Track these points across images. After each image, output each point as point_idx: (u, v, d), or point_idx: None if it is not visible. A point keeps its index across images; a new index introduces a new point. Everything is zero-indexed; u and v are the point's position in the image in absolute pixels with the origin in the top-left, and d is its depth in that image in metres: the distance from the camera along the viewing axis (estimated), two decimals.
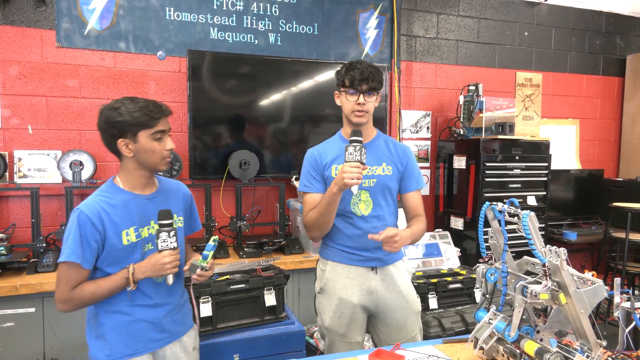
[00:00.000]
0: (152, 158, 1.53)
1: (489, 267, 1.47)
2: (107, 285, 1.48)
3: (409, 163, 1.99)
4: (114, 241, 1.49)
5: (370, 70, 1.83)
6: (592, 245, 4.31)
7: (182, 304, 1.71)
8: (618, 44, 4.62)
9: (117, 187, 1.56)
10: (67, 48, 2.94)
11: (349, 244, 1.92)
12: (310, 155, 1.98)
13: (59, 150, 2.90)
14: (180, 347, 1.67)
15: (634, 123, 4.53)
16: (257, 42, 3.36)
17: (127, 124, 1.47)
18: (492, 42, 4.10)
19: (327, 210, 1.81)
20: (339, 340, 1.93)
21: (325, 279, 1.97)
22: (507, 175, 3.52)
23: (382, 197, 1.93)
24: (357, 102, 1.84)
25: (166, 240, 1.49)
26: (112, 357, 1.53)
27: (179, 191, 1.73)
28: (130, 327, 1.54)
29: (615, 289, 1.30)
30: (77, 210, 1.47)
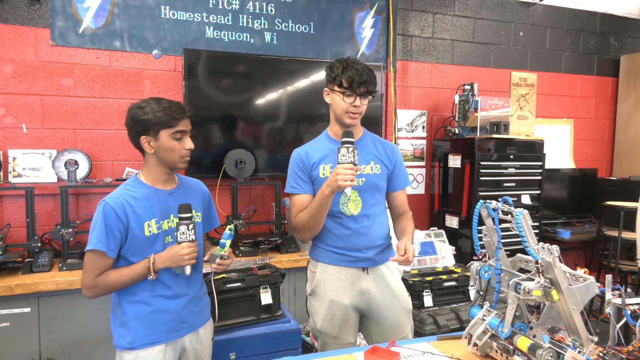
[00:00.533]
0: (172, 156, 1.62)
1: (483, 264, 1.48)
2: (129, 273, 1.58)
3: (397, 162, 1.99)
4: (136, 231, 1.58)
5: (368, 73, 1.80)
6: (586, 244, 4.35)
7: (200, 296, 1.78)
8: (612, 45, 4.65)
9: (140, 181, 1.67)
10: (61, 46, 2.93)
11: (338, 244, 1.90)
12: (296, 156, 1.94)
13: (54, 150, 2.89)
14: (197, 338, 1.74)
15: (628, 123, 4.57)
16: (253, 41, 3.36)
17: (150, 123, 1.58)
18: (488, 42, 4.12)
19: (318, 212, 1.79)
20: (332, 342, 1.92)
21: (316, 281, 1.94)
22: (502, 174, 3.54)
23: (371, 196, 1.91)
24: (352, 104, 1.80)
25: (185, 233, 1.57)
26: (133, 345, 1.61)
27: (197, 188, 1.82)
28: (150, 317, 1.62)
29: (606, 286, 1.32)
30: (103, 202, 1.57)
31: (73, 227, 2.64)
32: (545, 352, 1.23)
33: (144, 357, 1.61)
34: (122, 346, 1.62)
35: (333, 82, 1.84)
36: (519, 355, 1.35)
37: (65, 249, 2.65)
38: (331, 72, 1.84)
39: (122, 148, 3.09)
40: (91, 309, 2.49)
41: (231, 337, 2.16)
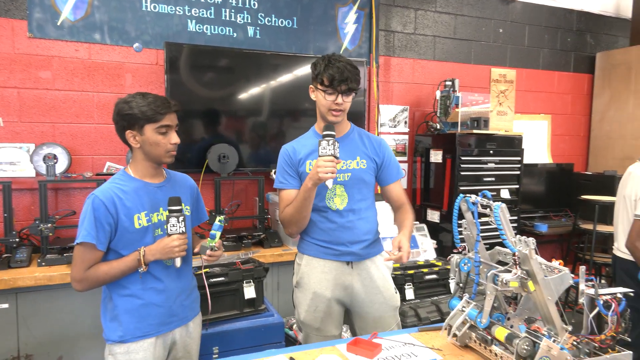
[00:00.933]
0: (157, 150, 1.64)
1: (462, 257, 1.52)
2: (120, 265, 1.59)
3: (386, 155, 1.99)
4: (126, 224, 1.60)
5: (350, 70, 1.80)
6: (562, 237, 4.46)
7: (191, 289, 1.80)
8: (588, 42, 4.76)
9: (129, 175, 1.68)
10: (39, 39, 2.87)
11: (324, 238, 1.92)
12: (284, 152, 1.97)
13: (32, 144, 2.84)
14: (187, 332, 1.76)
15: (603, 119, 4.69)
16: (236, 35, 3.34)
17: (135, 117, 1.59)
18: (468, 39, 4.18)
19: (302, 205, 1.82)
20: (315, 333, 1.94)
21: (301, 273, 1.97)
22: (482, 169, 3.61)
23: (358, 191, 1.93)
24: (334, 101, 1.82)
25: (175, 225, 1.59)
26: (124, 338, 1.62)
27: (185, 182, 1.85)
28: (142, 310, 1.63)
29: (580, 277, 1.36)
30: (92, 195, 1.58)
31: (52, 222, 2.61)
32: (521, 342, 1.27)
33: (135, 350, 1.62)
34: (113, 339, 1.63)
35: (316, 80, 1.86)
36: (496, 345, 1.39)
37: (44, 244, 2.61)
38: (314, 69, 1.86)
39: (103, 142, 3.05)
40: (71, 304, 2.47)
41: (214, 331, 2.16)
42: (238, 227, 3.29)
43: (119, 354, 1.62)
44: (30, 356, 2.43)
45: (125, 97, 1.63)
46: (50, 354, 2.47)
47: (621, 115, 4.48)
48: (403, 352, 1.51)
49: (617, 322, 1.32)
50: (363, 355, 1.47)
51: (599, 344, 1.33)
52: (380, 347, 1.51)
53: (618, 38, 4.89)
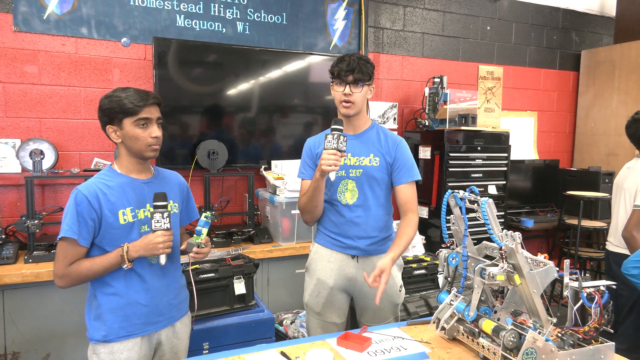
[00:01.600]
0: (137, 145, 1.60)
1: (450, 251, 1.54)
2: (102, 262, 1.55)
3: (399, 154, 1.98)
4: (110, 220, 1.57)
5: (358, 62, 1.88)
6: (548, 232, 4.54)
7: (179, 288, 1.77)
8: (574, 40, 4.83)
9: (115, 171, 1.66)
10: (25, 32, 2.83)
11: (333, 229, 2.01)
12: (306, 144, 2.09)
13: (18, 139, 2.80)
14: (173, 332, 1.73)
15: (587, 115, 4.77)
16: (225, 31, 3.33)
17: (114, 111, 1.57)
18: (457, 36, 4.21)
19: (313, 195, 1.90)
20: (315, 317, 2.03)
21: (310, 259, 2.09)
22: (470, 165, 3.65)
23: (369, 188, 1.97)
24: (343, 92, 1.89)
25: (160, 221, 1.56)
26: (108, 338, 1.59)
27: (175, 180, 1.81)
28: (126, 309, 1.60)
29: (565, 271, 1.39)
30: (76, 190, 1.56)
31: (39, 218, 2.58)
32: (508, 334, 1.30)
33: (119, 350, 1.59)
34: (97, 339, 1.60)
35: (330, 75, 1.96)
36: (483, 337, 1.42)
37: (30, 240, 2.58)
38: (330, 67, 1.96)
39: (90, 138, 3.02)
40: (58, 301, 2.45)
41: (205, 327, 2.17)
42: (228, 223, 3.29)
43: (102, 353, 1.60)
44: (17, 354, 2.41)
45: (108, 93, 1.62)
46: (38, 352, 2.45)
47: (605, 112, 4.56)
48: (392, 345, 1.53)
49: (600, 314, 1.35)
50: (353, 349, 1.49)
51: (582, 336, 1.36)
52: (370, 340, 1.53)
53: (602, 36, 4.97)
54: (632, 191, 2.65)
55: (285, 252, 2.96)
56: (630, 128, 2.76)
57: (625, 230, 2.57)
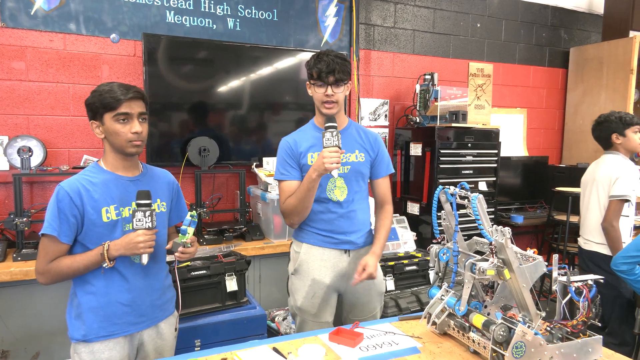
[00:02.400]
0: (118, 140, 1.57)
1: (441, 247, 1.55)
2: (83, 260, 1.53)
3: (380, 149, 2.08)
4: (93, 217, 1.54)
5: (337, 62, 1.87)
6: (537, 228, 4.59)
7: (163, 288, 1.73)
8: (562, 37, 4.87)
9: (100, 167, 1.63)
10: (12, 28, 2.79)
11: (325, 227, 1.99)
12: (285, 144, 2.01)
13: (5, 136, 2.77)
14: (157, 332, 1.70)
15: (576, 112, 4.82)
16: (215, 27, 3.31)
17: (94, 106, 1.55)
18: (447, 33, 4.23)
19: (306, 196, 1.87)
20: (311, 319, 2.00)
21: (299, 261, 2.02)
22: (460, 162, 3.67)
23: (356, 183, 2.01)
24: (325, 93, 1.89)
25: (141, 220, 1.52)
26: (88, 337, 1.57)
27: (164, 178, 1.77)
28: (106, 309, 1.58)
29: (553, 265, 1.41)
30: (58, 186, 1.53)
31: (27, 216, 2.55)
32: (497, 328, 1.31)
33: (100, 349, 1.57)
34: (77, 338, 1.58)
35: (309, 76, 1.95)
36: (474, 332, 1.43)
37: (19, 238, 2.56)
38: (307, 66, 1.95)
39: (79, 135, 2.99)
40: (47, 299, 2.43)
41: (196, 324, 2.16)
42: (219, 220, 3.28)
43: (83, 353, 1.57)
44: (6, 352, 2.39)
45: (95, 87, 1.59)
46: (28, 350, 2.43)
47: (593, 109, 4.60)
48: (384, 340, 1.54)
49: (588, 307, 1.37)
50: (345, 344, 1.50)
51: (571, 329, 1.39)
52: (362, 336, 1.54)
53: (591, 34, 5.02)
54: (604, 182, 2.69)
55: (277, 249, 2.96)
56: (595, 131, 2.88)
57: (605, 221, 2.63)
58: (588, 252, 2.78)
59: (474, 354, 1.44)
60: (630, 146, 2.75)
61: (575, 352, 1.36)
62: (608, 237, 2.62)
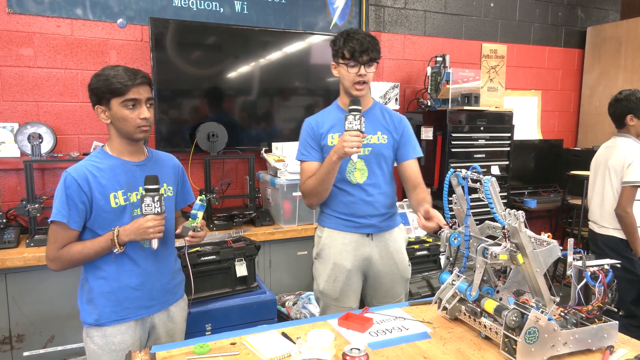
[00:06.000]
0: (126, 126, 1.55)
1: (452, 231, 1.52)
2: (93, 245, 1.53)
3: (405, 131, 2.01)
4: (101, 203, 1.53)
5: (369, 40, 1.84)
6: (551, 212, 4.52)
7: (173, 272, 1.73)
8: (579, 16, 4.73)
9: (106, 152, 1.61)
10: (19, 14, 2.78)
11: (344, 210, 1.97)
12: (307, 125, 2.01)
13: (16, 123, 2.78)
14: (167, 316, 1.71)
15: (592, 94, 4.70)
16: (223, 11, 3.26)
17: (100, 91, 1.52)
18: (459, 13, 4.12)
19: (325, 178, 1.86)
20: (333, 304, 2.00)
21: (321, 245, 2.03)
22: (473, 146, 3.61)
23: (377, 165, 1.97)
24: (358, 73, 1.85)
25: (150, 205, 1.51)
26: (100, 322, 1.58)
27: (169, 162, 1.76)
28: (118, 293, 1.58)
29: (569, 249, 1.37)
30: (65, 172, 1.52)
31: (39, 202, 2.57)
32: (510, 313, 1.29)
33: (112, 333, 1.58)
34: (89, 322, 1.59)
35: (337, 56, 1.89)
36: (485, 317, 1.41)
37: (32, 225, 2.58)
38: (334, 45, 1.89)
39: (89, 121, 3.00)
40: (61, 284, 2.46)
41: (207, 308, 2.17)
42: (229, 206, 3.28)
43: (96, 337, 1.59)
44: (22, 336, 2.43)
45: (99, 70, 1.55)
46: (42, 334, 2.47)
47: (611, 90, 4.47)
48: (394, 325, 1.53)
49: (604, 293, 1.34)
50: (355, 330, 1.49)
51: (586, 315, 1.35)
52: (371, 321, 1.53)
53: (609, 12, 4.86)
54: (617, 167, 2.63)
55: (286, 234, 2.96)
56: (611, 107, 2.78)
57: (619, 207, 2.58)
58: (604, 236, 2.73)
59: (485, 340, 1.42)
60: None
61: (590, 338, 1.33)
62: (622, 223, 2.58)
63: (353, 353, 1.17)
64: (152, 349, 1.37)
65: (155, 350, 1.36)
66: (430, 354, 1.34)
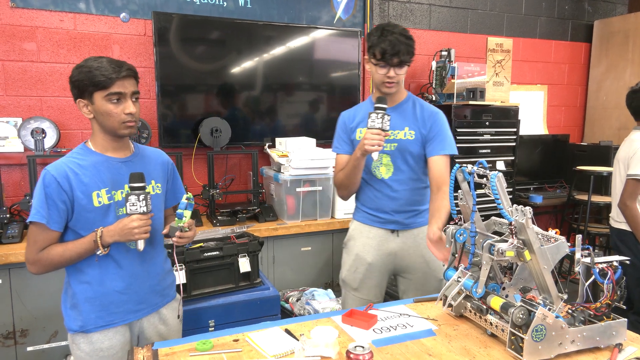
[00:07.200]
0: (109, 121, 1.46)
1: (458, 227, 1.50)
2: (75, 247, 1.45)
3: (434, 125, 1.94)
4: (83, 202, 1.45)
5: (402, 41, 1.82)
6: (557, 208, 4.48)
7: (163, 274, 1.66)
8: (586, 9, 4.67)
9: (89, 149, 1.53)
10: (22, 8, 2.77)
11: (369, 204, 2.01)
12: (340, 118, 2.08)
13: (19, 118, 2.77)
14: (159, 318, 1.64)
15: (599, 89, 4.64)
16: (226, 5, 3.24)
17: (83, 84, 1.43)
18: (465, 7, 4.08)
19: (352, 172, 1.91)
20: (352, 293, 2.05)
21: (349, 236, 2.11)
22: (478, 141, 3.58)
23: (403, 161, 1.95)
24: (387, 74, 1.85)
25: (135, 204, 1.42)
26: (85, 328, 1.51)
27: (158, 158, 1.67)
28: (103, 298, 1.51)
29: (576, 246, 1.35)
30: (44, 170, 1.44)
31: None
32: (517, 310, 1.27)
33: (99, 339, 1.51)
34: (74, 329, 1.52)
35: (369, 53, 1.89)
36: (491, 314, 1.39)
37: None
38: (369, 40, 1.89)
39: None
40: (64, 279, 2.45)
41: (210, 304, 2.16)
42: (232, 201, 3.26)
43: (82, 344, 1.51)
44: (25, 331, 2.43)
45: (81, 62, 1.46)
46: (46, 329, 2.47)
47: (618, 84, 4.43)
48: (398, 322, 1.51)
49: (613, 290, 1.32)
50: (358, 327, 1.47)
51: (594, 312, 1.33)
52: (375, 318, 1.51)
53: (616, 5, 4.80)
54: (625, 161, 2.61)
55: (290, 230, 2.94)
56: (628, 99, 2.75)
57: (620, 201, 2.57)
58: (617, 230, 2.71)
59: (491, 337, 1.40)
60: None
61: (598, 336, 1.31)
62: (625, 217, 2.56)
63: (357, 351, 1.15)
64: (155, 345, 1.36)
65: (158, 347, 1.35)
66: (435, 352, 1.32)
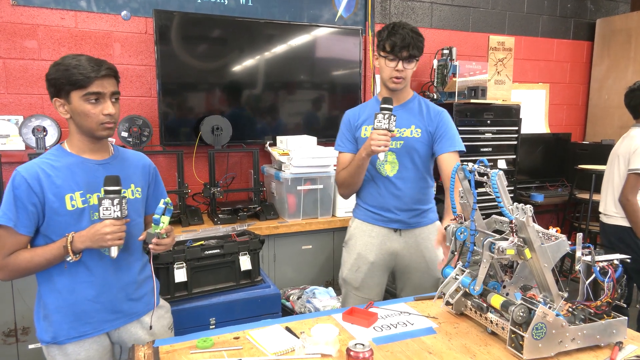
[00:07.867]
0: (87, 122, 1.41)
1: (459, 226, 1.50)
2: (44, 253, 1.38)
3: (440, 124, 1.96)
4: (55, 205, 1.39)
5: (412, 36, 1.83)
6: (558, 207, 4.47)
7: (140, 281, 1.59)
8: (588, 8, 4.65)
9: (64, 150, 1.48)
10: (23, 6, 2.77)
11: (372, 202, 2.00)
12: (346, 116, 2.08)
13: (20, 116, 2.77)
14: (140, 327, 1.59)
15: (601, 87, 4.63)
16: (227, 3, 3.23)
17: (59, 82, 1.38)
18: (466, 5, 4.07)
19: (355, 172, 1.91)
20: (353, 292, 2.04)
21: (349, 235, 2.11)
22: (479, 140, 3.57)
23: (409, 160, 1.95)
24: (395, 68, 1.86)
25: (109, 209, 1.37)
26: (57, 340, 1.45)
27: (138, 161, 1.61)
28: (75, 308, 1.45)
29: (577, 244, 1.35)
30: (15, 171, 1.39)
31: None
32: (517, 309, 1.27)
33: (74, 351, 1.46)
34: (46, 340, 1.46)
35: (379, 47, 1.90)
36: (492, 312, 1.39)
37: None
38: (379, 36, 1.90)
39: None
40: None
41: (211, 302, 2.17)
42: (233, 200, 3.27)
43: (57, 355, 1.45)
44: (27, 329, 2.44)
45: (59, 59, 1.41)
46: None
47: (620, 83, 4.42)
48: (399, 320, 1.51)
49: (613, 288, 1.31)
50: (359, 324, 1.47)
51: (594, 310, 1.33)
52: (376, 316, 1.51)
53: (619, 4, 4.78)
54: (626, 156, 2.62)
55: (291, 229, 2.95)
56: (626, 98, 2.78)
57: (622, 195, 2.58)
58: (612, 226, 2.71)
59: (491, 335, 1.40)
60: None
61: (598, 334, 1.31)
62: (625, 211, 2.58)
63: (357, 348, 1.15)
64: (155, 342, 1.37)
65: (159, 344, 1.35)
66: (436, 350, 1.32)
